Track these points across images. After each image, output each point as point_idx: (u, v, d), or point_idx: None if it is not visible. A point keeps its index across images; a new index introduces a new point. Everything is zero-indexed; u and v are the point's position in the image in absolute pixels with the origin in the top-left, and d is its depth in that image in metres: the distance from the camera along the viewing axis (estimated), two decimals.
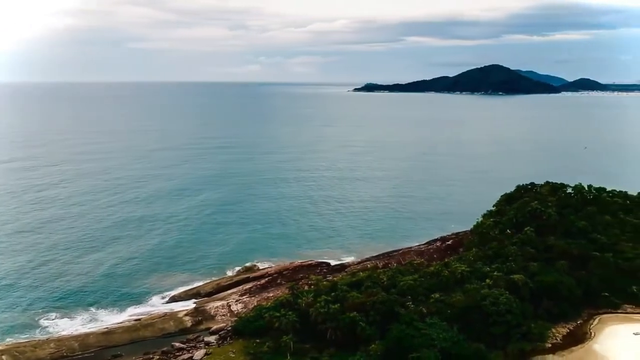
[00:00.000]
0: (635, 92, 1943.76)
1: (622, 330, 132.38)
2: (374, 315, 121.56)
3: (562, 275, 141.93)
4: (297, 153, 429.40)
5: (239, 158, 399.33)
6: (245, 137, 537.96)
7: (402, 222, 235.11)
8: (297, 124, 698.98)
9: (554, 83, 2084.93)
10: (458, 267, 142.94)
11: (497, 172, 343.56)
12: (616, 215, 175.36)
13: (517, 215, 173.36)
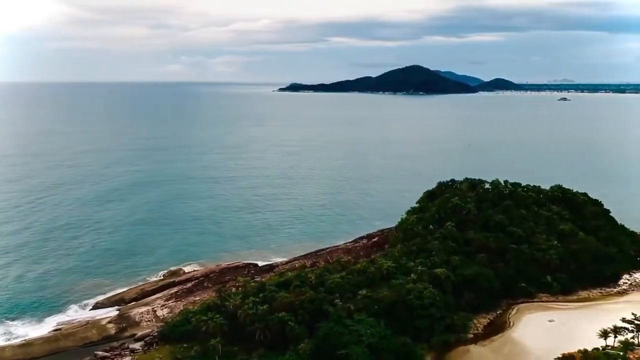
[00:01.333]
0: (546, 91, 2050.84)
1: (538, 318, 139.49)
2: (303, 314, 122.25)
3: (481, 268, 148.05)
4: (227, 154, 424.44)
5: (167, 160, 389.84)
6: (173, 138, 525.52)
7: (329, 220, 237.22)
8: (227, 124, 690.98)
9: (471, 83, 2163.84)
10: (384, 263, 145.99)
11: (420, 170, 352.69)
12: (530, 209, 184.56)
13: (439, 211, 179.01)
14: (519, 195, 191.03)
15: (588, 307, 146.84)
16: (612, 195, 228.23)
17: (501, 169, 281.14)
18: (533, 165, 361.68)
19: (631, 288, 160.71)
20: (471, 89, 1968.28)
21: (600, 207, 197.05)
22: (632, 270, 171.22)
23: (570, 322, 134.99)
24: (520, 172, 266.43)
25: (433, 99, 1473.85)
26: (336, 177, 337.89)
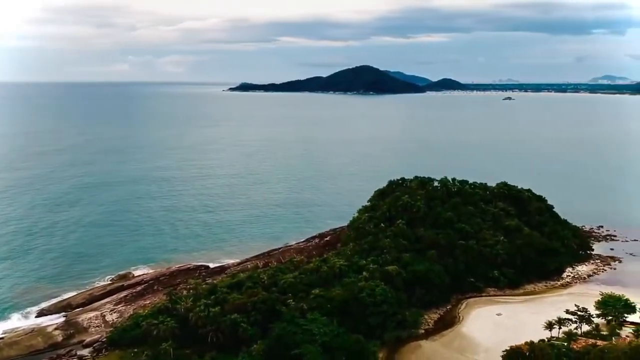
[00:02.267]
0: (492, 91, 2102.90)
1: (487, 312, 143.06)
2: (256, 315, 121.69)
3: (432, 264, 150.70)
4: (179, 155, 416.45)
5: (117, 161, 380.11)
6: (124, 139, 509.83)
7: (282, 220, 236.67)
8: (179, 124, 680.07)
9: (419, 83, 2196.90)
10: (336, 262, 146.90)
11: (372, 169, 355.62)
12: (478, 206, 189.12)
13: (389, 209, 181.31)
14: (466, 192, 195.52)
15: (534, 300, 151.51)
16: (555, 191, 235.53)
17: (450, 166, 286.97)
18: (480, 162, 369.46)
19: (574, 280, 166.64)
20: (420, 89, 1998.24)
21: (544, 203, 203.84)
22: (574, 263, 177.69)
23: (517, 315, 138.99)
24: (467, 169, 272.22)
25: (383, 99, 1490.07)
26: (289, 177, 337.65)
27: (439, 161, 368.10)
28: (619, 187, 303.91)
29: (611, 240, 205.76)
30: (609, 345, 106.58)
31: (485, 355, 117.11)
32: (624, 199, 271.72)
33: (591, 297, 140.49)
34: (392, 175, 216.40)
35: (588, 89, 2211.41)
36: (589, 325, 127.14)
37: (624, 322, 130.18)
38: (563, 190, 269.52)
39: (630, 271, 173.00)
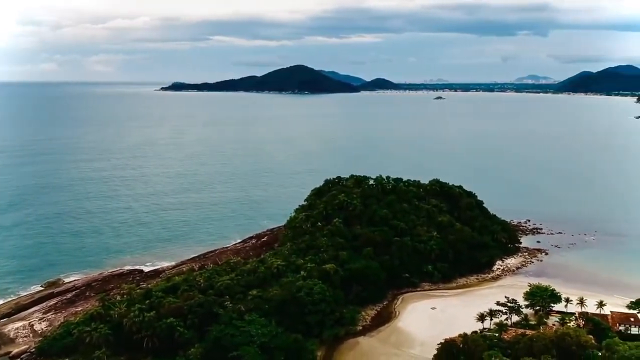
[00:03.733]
0: (423, 90, 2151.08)
1: (422, 306, 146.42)
2: (192, 318, 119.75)
3: (368, 261, 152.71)
4: (111, 157, 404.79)
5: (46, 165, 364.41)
6: (55, 141, 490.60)
7: (218, 222, 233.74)
8: (114, 125, 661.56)
9: (353, 82, 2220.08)
10: (274, 262, 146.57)
11: (309, 168, 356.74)
12: (412, 203, 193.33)
13: (326, 207, 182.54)
14: (401, 190, 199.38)
15: (466, 293, 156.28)
16: (484, 186, 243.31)
17: (385, 164, 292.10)
18: (413, 160, 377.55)
19: (504, 273, 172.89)
20: (354, 89, 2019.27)
21: (474, 199, 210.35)
22: (504, 256, 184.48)
23: (451, 309, 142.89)
24: (402, 167, 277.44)
25: (319, 98, 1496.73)
26: (225, 177, 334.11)
27: (374, 159, 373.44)
28: (544, 182, 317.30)
29: (537, 233, 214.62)
30: (537, 334, 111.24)
31: (421, 349, 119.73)
32: (549, 193, 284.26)
33: (520, 289, 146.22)
34: (329, 174, 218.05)
35: (514, 88, 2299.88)
36: (518, 315, 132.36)
37: (551, 311, 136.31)
38: (492, 185, 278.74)
39: (555, 263, 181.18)
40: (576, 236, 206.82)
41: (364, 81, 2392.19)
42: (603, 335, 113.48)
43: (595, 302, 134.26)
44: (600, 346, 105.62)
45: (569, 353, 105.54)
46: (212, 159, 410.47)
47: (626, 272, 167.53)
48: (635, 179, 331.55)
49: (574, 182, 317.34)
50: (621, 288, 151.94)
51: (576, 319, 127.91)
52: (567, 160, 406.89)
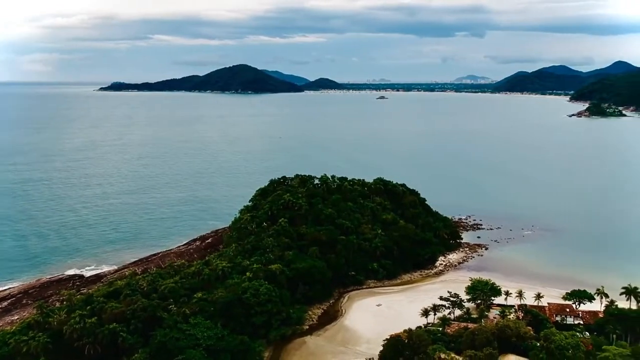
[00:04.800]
0: (366, 90, 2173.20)
1: (367, 303, 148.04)
2: (136, 323, 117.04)
3: (314, 261, 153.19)
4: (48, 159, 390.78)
5: None
6: None
7: (161, 224, 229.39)
8: (56, 127, 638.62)
9: (297, 82, 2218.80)
10: (219, 264, 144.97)
11: (254, 168, 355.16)
12: (357, 201, 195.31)
13: (271, 208, 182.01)
14: (346, 188, 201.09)
15: (411, 289, 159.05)
16: (426, 184, 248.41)
17: (330, 163, 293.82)
18: (358, 159, 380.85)
19: (446, 268, 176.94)
20: (298, 88, 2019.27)
21: (417, 197, 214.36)
22: (446, 252, 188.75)
23: (396, 305, 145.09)
24: (346, 166, 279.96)
25: (263, 98, 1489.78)
26: (168, 179, 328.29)
27: (319, 159, 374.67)
28: (484, 179, 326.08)
29: (478, 229, 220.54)
30: (478, 327, 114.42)
31: (367, 345, 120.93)
32: (489, 190, 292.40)
33: (462, 283, 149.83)
34: (274, 174, 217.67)
35: (454, 88, 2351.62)
36: (460, 309, 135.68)
37: (491, 304, 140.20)
38: (434, 183, 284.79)
39: (495, 257, 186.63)
40: (514, 231, 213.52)
41: (307, 81, 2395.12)
42: (541, 326, 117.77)
43: (534, 295, 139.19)
44: (538, 337, 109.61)
45: (509, 344, 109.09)
46: (154, 160, 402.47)
47: (561, 265, 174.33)
48: (569, 175, 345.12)
49: (512, 179, 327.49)
50: (557, 280, 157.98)
51: (516, 311, 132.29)
52: (506, 158, 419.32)
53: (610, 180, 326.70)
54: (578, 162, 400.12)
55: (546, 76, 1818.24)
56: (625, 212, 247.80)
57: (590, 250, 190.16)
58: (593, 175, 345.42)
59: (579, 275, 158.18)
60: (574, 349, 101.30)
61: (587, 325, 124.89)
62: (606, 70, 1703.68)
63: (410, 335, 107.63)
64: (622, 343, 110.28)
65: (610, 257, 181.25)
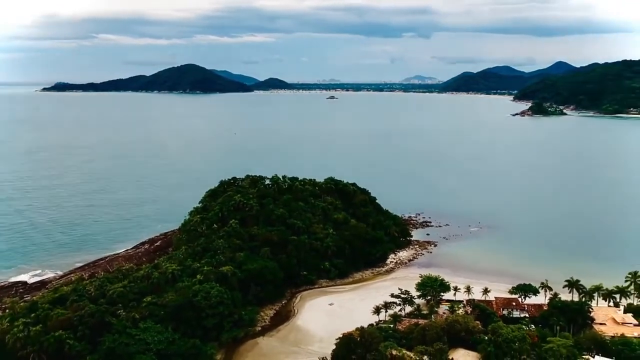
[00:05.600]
0: (316, 90, 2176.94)
1: (320, 303, 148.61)
2: (83, 329, 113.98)
3: (266, 261, 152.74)
4: None
5: None
6: None
7: (108, 227, 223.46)
8: None
9: (246, 82, 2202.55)
10: (169, 267, 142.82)
11: (202, 169, 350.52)
12: (308, 201, 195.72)
13: (222, 209, 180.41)
14: (297, 188, 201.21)
15: (362, 287, 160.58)
16: (377, 183, 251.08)
17: (281, 164, 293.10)
18: (308, 159, 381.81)
19: (397, 266, 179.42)
20: (248, 88, 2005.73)
21: (367, 196, 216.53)
22: (396, 250, 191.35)
23: (348, 303, 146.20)
24: (297, 166, 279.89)
25: (212, 98, 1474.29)
26: (115, 182, 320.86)
27: (270, 159, 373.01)
28: (432, 177, 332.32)
29: (427, 226, 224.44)
30: (429, 323, 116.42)
31: (320, 345, 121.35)
32: (437, 188, 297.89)
33: (412, 280, 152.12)
34: (223, 175, 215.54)
35: (402, 88, 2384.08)
36: (411, 306, 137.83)
37: (441, 300, 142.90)
38: (384, 182, 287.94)
39: (444, 253, 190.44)
40: (462, 228, 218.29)
41: (257, 81, 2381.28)
42: (489, 320, 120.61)
43: (481, 289, 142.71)
44: (486, 330, 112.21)
45: (458, 339, 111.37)
46: (101, 162, 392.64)
47: (507, 260, 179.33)
48: (513, 173, 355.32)
49: (460, 177, 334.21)
50: (503, 275, 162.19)
51: (464, 306, 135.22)
52: (453, 157, 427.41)
53: (553, 177, 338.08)
54: (522, 160, 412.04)
55: (490, 76, 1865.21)
56: (567, 207, 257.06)
57: (534, 245, 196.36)
58: (536, 172, 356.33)
59: (524, 270, 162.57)
60: (520, 341, 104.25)
61: (532, 318, 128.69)
62: (547, 71, 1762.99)
63: (362, 333, 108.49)
64: (565, 334, 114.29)
65: (554, 252, 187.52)
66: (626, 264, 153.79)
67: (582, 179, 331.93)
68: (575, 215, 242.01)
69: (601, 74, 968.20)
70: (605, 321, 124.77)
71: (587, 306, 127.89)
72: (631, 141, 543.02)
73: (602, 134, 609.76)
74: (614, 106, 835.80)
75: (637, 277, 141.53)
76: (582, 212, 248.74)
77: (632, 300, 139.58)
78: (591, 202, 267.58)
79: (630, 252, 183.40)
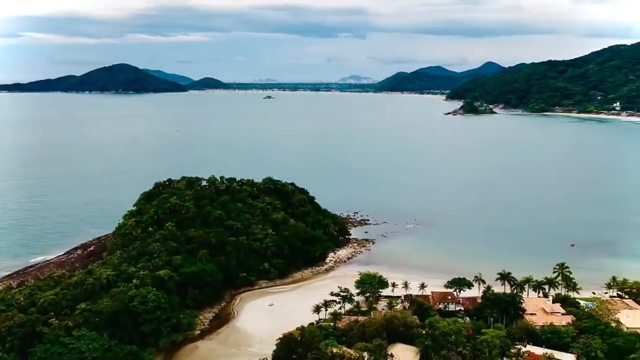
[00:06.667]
0: (253, 89, 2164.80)
1: (259, 304, 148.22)
2: (12, 340, 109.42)
3: (204, 264, 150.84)
4: None
5: None
6: None
7: (37, 234, 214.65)
8: None
9: (181, 82, 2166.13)
10: (103, 273, 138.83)
11: (137, 171, 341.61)
12: (246, 202, 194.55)
13: (157, 212, 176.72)
14: (234, 189, 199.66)
15: (302, 287, 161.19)
16: (315, 182, 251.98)
17: (216, 165, 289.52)
18: (246, 159, 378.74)
19: (336, 264, 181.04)
20: (182, 88, 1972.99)
21: (306, 195, 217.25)
22: (335, 248, 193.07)
23: (288, 303, 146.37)
24: (234, 167, 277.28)
25: (145, 98, 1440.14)
26: (46, 185, 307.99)
27: (206, 160, 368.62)
28: (370, 175, 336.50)
29: (365, 224, 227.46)
30: (368, 320, 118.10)
31: (260, 346, 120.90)
32: (375, 186, 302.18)
33: (352, 278, 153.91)
34: (159, 177, 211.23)
35: (338, 88, 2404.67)
36: (351, 303, 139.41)
37: (380, 296, 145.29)
38: (322, 181, 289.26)
39: (381, 250, 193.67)
40: (399, 225, 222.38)
41: (192, 80, 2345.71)
42: (426, 314, 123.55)
43: (418, 285, 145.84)
44: (423, 325, 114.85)
45: (397, 334, 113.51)
46: (31, 166, 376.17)
47: (443, 255, 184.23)
48: (447, 170, 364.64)
49: (396, 175, 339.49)
50: (439, 270, 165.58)
51: (402, 302, 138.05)
52: (389, 155, 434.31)
53: (484, 173, 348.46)
54: (456, 158, 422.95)
55: (424, 76, 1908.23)
56: (498, 203, 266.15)
57: (468, 240, 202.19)
58: (470, 170, 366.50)
59: (458, 264, 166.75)
60: (456, 334, 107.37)
61: (467, 310, 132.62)
62: (478, 71, 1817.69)
63: (302, 332, 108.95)
64: (498, 325, 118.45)
65: (487, 247, 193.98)
66: (554, 256, 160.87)
67: (514, 176, 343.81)
68: (506, 211, 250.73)
69: (528, 74, 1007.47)
70: (536, 311, 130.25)
71: (519, 297, 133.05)
72: (558, 137, 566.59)
73: (529, 131, 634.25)
74: (540, 105, 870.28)
75: (564, 268, 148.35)
76: (513, 207, 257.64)
77: (560, 290, 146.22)
78: (522, 198, 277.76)
79: (557, 245, 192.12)
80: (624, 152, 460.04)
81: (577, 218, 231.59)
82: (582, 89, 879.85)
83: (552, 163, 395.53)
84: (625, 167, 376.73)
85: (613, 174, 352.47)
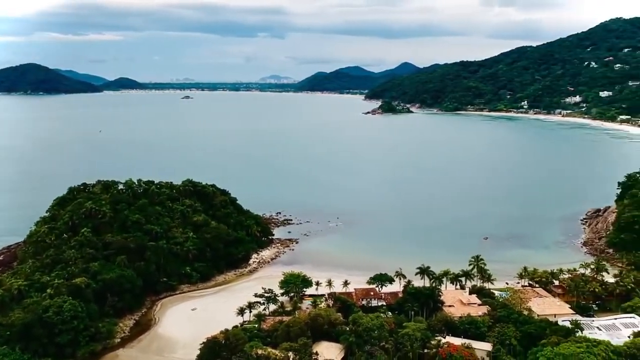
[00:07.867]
0: (170, 89, 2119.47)
1: (182, 309, 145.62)
2: None
3: (123, 270, 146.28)
4: None
5: None
6: None
7: None
8: None
9: (95, 82, 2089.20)
10: (14, 283, 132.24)
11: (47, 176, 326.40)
12: (165, 205, 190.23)
13: (72, 217, 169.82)
14: (153, 192, 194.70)
15: (225, 290, 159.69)
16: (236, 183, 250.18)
17: (134, 168, 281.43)
18: (164, 161, 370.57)
19: (260, 265, 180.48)
20: (96, 89, 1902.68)
21: (227, 196, 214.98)
22: (258, 249, 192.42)
23: (211, 307, 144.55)
24: (152, 169, 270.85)
25: (57, 99, 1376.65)
26: None
27: (121, 163, 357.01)
28: (291, 174, 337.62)
29: (288, 224, 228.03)
30: (292, 319, 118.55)
31: (184, 351, 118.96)
32: (297, 186, 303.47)
33: (276, 278, 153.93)
34: (72, 182, 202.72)
35: (258, 87, 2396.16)
36: (275, 304, 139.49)
37: (304, 295, 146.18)
38: (243, 182, 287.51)
39: (305, 250, 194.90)
40: (322, 224, 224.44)
41: (106, 80, 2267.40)
42: (349, 311, 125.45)
43: (342, 282, 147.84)
44: (347, 321, 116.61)
45: (322, 332, 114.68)
46: None
47: (365, 252, 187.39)
48: (367, 169, 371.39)
49: (317, 174, 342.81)
50: (361, 266, 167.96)
51: (326, 300, 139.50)
52: (310, 154, 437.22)
53: (405, 172, 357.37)
54: (376, 157, 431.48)
55: (343, 76, 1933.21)
56: (418, 201, 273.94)
57: (389, 237, 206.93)
58: (390, 168, 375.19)
59: (380, 261, 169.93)
60: (379, 329, 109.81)
61: (389, 305, 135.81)
62: (394, 71, 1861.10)
63: (226, 335, 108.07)
64: (419, 318, 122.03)
65: (406, 243, 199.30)
66: (469, 250, 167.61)
67: (433, 174, 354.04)
68: (424, 208, 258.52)
69: (442, 74, 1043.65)
70: (454, 303, 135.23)
71: (437, 290, 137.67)
72: (473, 136, 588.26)
73: (446, 129, 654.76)
74: (453, 104, 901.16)
75: (479, 260, 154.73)
76: (431, 205, 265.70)
77: (476, 282, 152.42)
78: (440, 195, 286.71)
79: (472, 239, 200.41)
80: (532, 149, 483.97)
81: (491, 213, 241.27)
82: (492, 89, 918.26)
83: (468, 161, 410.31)
84: (532, 163, 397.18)
85: (522, 169, 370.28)
